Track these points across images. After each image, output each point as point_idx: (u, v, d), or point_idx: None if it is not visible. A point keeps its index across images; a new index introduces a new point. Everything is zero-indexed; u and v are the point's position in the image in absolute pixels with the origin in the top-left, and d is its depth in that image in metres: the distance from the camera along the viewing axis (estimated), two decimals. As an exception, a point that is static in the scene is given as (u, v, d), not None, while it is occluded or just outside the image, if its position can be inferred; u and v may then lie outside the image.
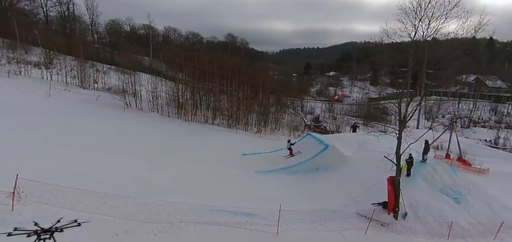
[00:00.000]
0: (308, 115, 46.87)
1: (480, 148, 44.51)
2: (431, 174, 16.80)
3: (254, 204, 13.61)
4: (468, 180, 17.97)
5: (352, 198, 15.31)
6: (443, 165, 18.21)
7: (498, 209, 17.22)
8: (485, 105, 67.22)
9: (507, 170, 34.99)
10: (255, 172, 18.54)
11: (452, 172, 17.96)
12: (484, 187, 28.25)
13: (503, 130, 52.92)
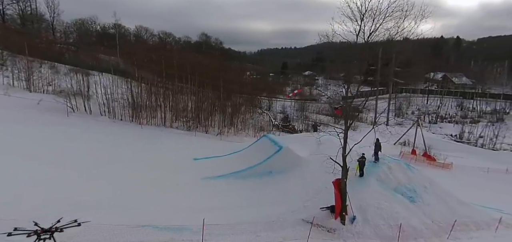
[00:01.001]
0: (279, 115, 45.94)
1: (446, 143, 45.45)
2: (386, 173, 16.06)
3: (191, 215, 12.16)
4: (424, 177, 17.43)
5: (301, 203, 14.21)
6: (398, 163, 17.57)
7: (454, 205, 16.77)
8: (451, 101, 69.44)
9: (469, 164, 35.67)
10: (202, 179, 17.07)
11: (408, 169, 17.35)
12: (446, 181, 28.48)
13: (468, 125, 54.59)
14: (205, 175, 17.54)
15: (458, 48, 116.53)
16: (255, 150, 20.11)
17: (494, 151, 42.05)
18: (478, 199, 23.69)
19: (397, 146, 40.22)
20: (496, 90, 73.92)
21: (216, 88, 36.12)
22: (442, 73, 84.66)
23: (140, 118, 30.37)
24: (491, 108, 62.32)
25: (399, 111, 66.64)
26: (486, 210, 18.55)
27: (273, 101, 58.25)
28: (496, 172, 32.50)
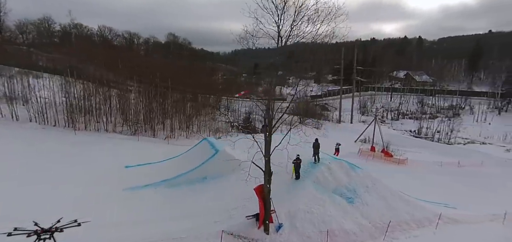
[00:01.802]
0: (242, 116, 44.64)
1: (406, 139, 46.49)
2: (324, 174, 15.19)
3: (106, 233, 10.51)
4: (367, 176, 16.80)
5: (228, 211, 12.90)
6: (340, 163, 16.80)
7: (397, 204, 16.24)
8: (413, 98, 71.93)
9: (425, 158, 36.35)
10: (129, 189, 15.25)
11: (351, 169, 16.64)
12: (400, 177, 28.61)
13: (427, 120, 56.47)
14: (133, 184, 15.75)
15: (420, 47, 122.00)
16: (193, 155, 18.56)
17: (448, 145, 43.52)
18: (428, 194, 23.76)
19: (358, 143, 40.36)
20: (454, 87, 77.68)
21: (176, 89, 33.91)
22: (405, 71, 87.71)
23: (76, 123, 27.23)
24: (448, 104, 65.14)
25: (364, 109, 68.01)
26: (431, 206, 18.38)
27: (236, 102, 56.71)
28: (449, 165, 33.29)
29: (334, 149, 25.84)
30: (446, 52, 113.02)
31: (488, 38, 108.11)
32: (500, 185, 28.87)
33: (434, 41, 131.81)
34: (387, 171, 28.44)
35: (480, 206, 21.63)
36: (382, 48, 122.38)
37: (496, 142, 45.17)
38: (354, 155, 33.61)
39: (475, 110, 60.85)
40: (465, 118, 58.99)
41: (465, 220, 18.11)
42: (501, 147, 42.64)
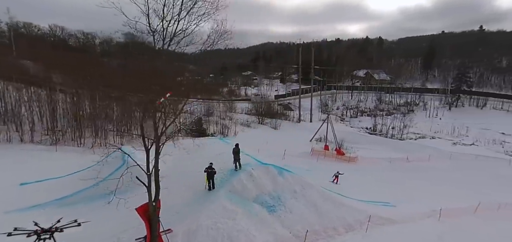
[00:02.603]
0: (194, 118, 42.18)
1: (361, 136, 46.87)
2: (244, 182, 13.59)
3: None
4: (297, 180, 15.52)
5: (117, 234, 10.85)
6: (266, 168, 15.28)
7: (328, 208, 15.04)
8: (372, 96, 73.81)
9: (377, 155, 36.30)
10: (7, 212, 12.61)
11: (279, 174, 15.21)
12: (349, 175, 27.95)
13: (384, 117, 57.77)
14: (22, 205, 13.13)
15: (380, 47, 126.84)
16: (103, 167, 16.14)
17: (401, 140, 44.46)
18: (373, 192, 23.21)
19: (313, 143, 39.74)
20: (410, 84, 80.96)
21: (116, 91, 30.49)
22: (365, 70, 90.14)
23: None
24: (403, 101, 67.44)
25: (325, 108, 68.48)
26: (367, 207, 17.62)
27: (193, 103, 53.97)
28: (398, 161, 33.55)
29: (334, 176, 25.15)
30: (404, 51, 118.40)
31: (441, 39, 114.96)
32: (446, 178, 29.43)
33: (394, 41, 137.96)
34: (334, 170, 27.86)
35: (423, 201, 21.43)
36: (346, 48, 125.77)
37: (445, 136, 46.96)
38: (306, 155, 32.82)
39: (428, 106, 63.56)
40: (419, 114, 61.38)
41: (401, 219, 17.52)
42: (449, 141, 44.33)
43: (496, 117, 57.56)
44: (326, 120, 36.45)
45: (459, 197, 24.09)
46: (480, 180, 29.21)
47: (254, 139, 37.17)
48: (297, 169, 24.97)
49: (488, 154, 37.58)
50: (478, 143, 43.06)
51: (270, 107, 61.66)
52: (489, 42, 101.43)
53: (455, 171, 31.54)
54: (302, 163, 28.26)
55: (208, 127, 38.31)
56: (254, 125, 46.30)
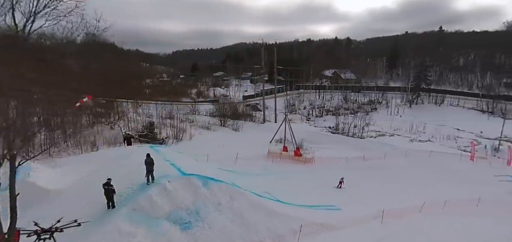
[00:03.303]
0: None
1: (324, 135, 46.63)
2: (154, 198, 11.81)
3: None
4: (226, 191, 14.04)
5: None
6: (188, 180, 13.59)
7: (256, 219, 13.78)
8: (338, 95, 74.64)
9: (336, 154, 35.79)
10: None
11: (203, 185, 13.61)
12: (301, 177, 27.18)
13: (348, 116, 58.27)
14: None
15: (349, 47, 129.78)
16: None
17: (361, 139, 44.70)
18: (321, 195, 22.40)
19: (273, 144, 38.62)
20: (376, 83, 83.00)
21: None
22: (333, 70, 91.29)
23: None
24: (367, 100, 68.68)
25: (292, 108, 68.16)
26: (306, 213, 16.58)
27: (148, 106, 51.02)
28: (355, 160, 33.29)
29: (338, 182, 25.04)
30: (371, 51, 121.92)
31: (405, 39, 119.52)
32: (400, 176, 29.42)
33: (362, 42, 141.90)
34: (287, 173, 26.92)
35: (372, 202, 20.81)
36: (316, 48, 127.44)
37: (403, 133, 47.91)
38: (262, 157, 31.56)
39: (391, 104, 65.13)
40: (381, 112, 62.70)
41: (341, 224, 16.64)
42: (407, 138, 45.20)
43: (452, 114, 60.00)
44: (283, 120, 35.43)
45: (409, 195, 23.92)
46: (432, 176, 29.60)
47: (210, 142, 35.47)
48: (244, 174, 23.69)
49: (441, 150, 38.66)
50: (434, 139, 44.27)
51: (236, 109, 60.28)
52: (448, 42, 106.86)
53: (409, 168, 31.79)
54: (254, 167, 27.00)
55: (160, 131, 35.98)
56: (215, 128, 44.53)
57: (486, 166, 33.45)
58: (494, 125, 47.83)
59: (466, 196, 23.61)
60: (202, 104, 62.58)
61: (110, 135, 31.43)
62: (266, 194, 18.56)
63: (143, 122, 37.40)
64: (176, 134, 35.51)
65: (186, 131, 38.10)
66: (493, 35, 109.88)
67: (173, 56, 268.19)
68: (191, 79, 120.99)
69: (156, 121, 41.71)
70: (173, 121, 42.61)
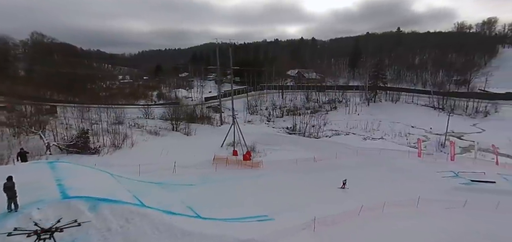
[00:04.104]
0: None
1: (280, 136, 45.67)
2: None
3: None
4: (120, 214, 11.69)
5: None
6: (68, 204, 11.07)
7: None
8: (301, 95, 74.62)
9: (287, 156, 34.43)
10: None
11: (89, 209, 11.13)
12: (237, 187, 24.99)
13: (309, 115, 57.94)
14: None
15: (313, 47, 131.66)
16: None
17: (317, 139, 44.28)
18: (254, 203, 20.86)
19: (224, 148, 36.85)
20: (338, 82, 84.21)
21: None
22: (296, 70, 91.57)
23: None
24: (328, 99, 69.20)
25: (255, 108, 66.90)
26: (228, 228, 14.98)
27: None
28: (306, 162, 32.41)
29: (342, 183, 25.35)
30: (335, 51, 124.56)
31: (365, 39, 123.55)
32: (348, 177, 28.73)
33: (326, 42, 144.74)
34: (229, 180, 25.21)
35: (309, 209, 19.69)
36: (281, 49, 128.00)
37: (358, 132, 48.26)
38: (206, 164, 29.53)
39: (350, 103, 66.05)
40: (341, 111, 63.34)
41: (267, 237, 15.19)
42: (361, 136, 45.51)
43: (407, 111, 62.09)
44: (232, 124, 33.76)
45: (352, 197, 23.35)
46: (379, 175, 29.39)
47: (153, 150, 32.83)
48: (173, 186, 21.58)
49: (392, 147, 39.09)
50: (386, 137, 44.94)
51: (193, 111, 57.73)
52: (405, 42, 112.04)
53: (358, 168, 31.44)
54: (192, 175, 24.94)
55: (97, 139, 32.67)
56: (165, 133, 41.76)
57: (431, 162, 34.09)
58: (443, 120, 49.77)
59: (408, 195, 23.46)
60: (157, 107, 58.87)
61: (33, 146, 27.74)
62: (187, 209, 16.70)
63: (78, 129, 33.80)
64: (113, 142, 32.42)
65: (130, 137, 35.06)
66: (445, 35, 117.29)
67: (139, 57, 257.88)
68: (155, 81, 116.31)
69: (100, 127, 38.15)
70: (119, 126, 39.31)
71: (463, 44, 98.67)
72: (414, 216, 21.15)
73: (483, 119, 55.20)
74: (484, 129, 49.79)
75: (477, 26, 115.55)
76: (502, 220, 20.43)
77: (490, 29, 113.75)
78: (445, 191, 25.96)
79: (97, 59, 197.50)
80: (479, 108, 57.22)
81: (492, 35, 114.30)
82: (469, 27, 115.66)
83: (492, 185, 27.76)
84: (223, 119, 55.28)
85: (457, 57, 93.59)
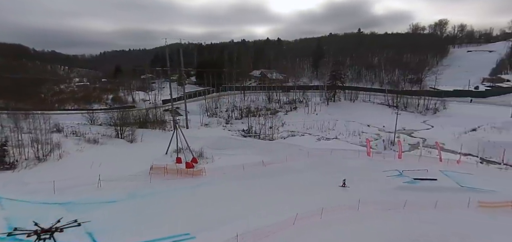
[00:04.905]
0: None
1: (234, 140, 43.79)
2: None
3: None
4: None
5: None
6: None
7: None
8: (262, 96, 73.55)
9: (236, 161, 32.28)
10: None
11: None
12: (159, 201, 22.37)
13: (269, 117, 56.75)
14: None
15: (279, 48, 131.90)
16: None
17: (271, 141, 43.11)
18: (181, 220, 18.94)
19: (169, 156, 34.25)
20: (298, 82, 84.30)
21: None
22: (260, 70, 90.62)
23: None
24: (289, 99, 68.76)
25: (214, 111, 64.65)
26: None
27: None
28: (254, 166, 30.82)
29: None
30: (300, 52, 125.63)
31: (328, 40, 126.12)
32: (294, 181, 27.22)
33: (290, 42, 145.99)
34: (161, 193, 22.92)
35: (237, 222, 18.04)
36: (246, 49, 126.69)
37: (315, 132, 47.85)
38: (142, 175, 26.77)
39: (311, 103, 66.03)
40: (300, 111, 63.09)
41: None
42: (316, 136, 45.08)
43: (364, 110, 63.31)
44: (174, 130, 31.34)
45: (292, 204, 22.07)
46: (325, 178, 28.26)
47: (85, 160, 29.45)
48: (91, 204, 19.00)
49: (344, 147, 38.84)
50: (341, 136, 44.91)
51: (146, 115, 54.22)
52: (365, 43, 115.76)
53: (307, 171, 30.47)
54: (120, 190, 22.29)
55: (20, 151, 28.66)
56: (106, 140, 38.18)
57: (379, 161, 34.14)
58: (398, 118, 50.97)
59: (351, 197, 22.75)
60: (104, 112, 54.41)
61: None
62: (84, 237, 14.28)
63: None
64: (37, 154, 28.64)
65: (60, 147, 31.32)
66: (402, 36, 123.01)
67: (101, 58, 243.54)
68: (115, 83, 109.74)
69: (31, 136, 33.74)
70: (54, 135, 35.14)
71: (418, 45, 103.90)
72: (354, 221, 20.42)
73: (433, 116, 57.60)
74: (433, 125, 51.73)
75: (430, 28, 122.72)
76: (439, 219, 20.29)
77: (441, 30, 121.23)
78: (388, 191, 25.68)
79: (52, 61, 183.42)
80: (429, 105, 59.66)
81: (443, 36, 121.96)
82: (423, 29, 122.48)
83: (434, 182, 28.12)
84: (178, 123, 52.32)
85: (412, 57, 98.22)
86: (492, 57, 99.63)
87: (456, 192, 25.79)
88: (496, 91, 68.64)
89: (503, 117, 49.57)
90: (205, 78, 79.19)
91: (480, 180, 28.63)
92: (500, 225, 19.63)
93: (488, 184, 27.50)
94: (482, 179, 29.03)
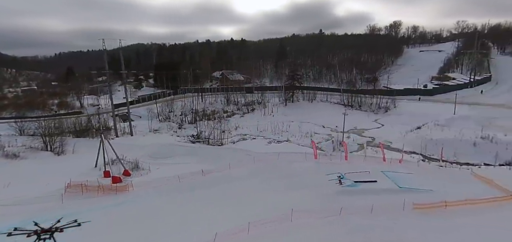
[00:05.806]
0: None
1: (179, 146, 40.76)
2: None
3: None
4: None
5: None
6: None
7: None
8: (222, 97, 71.39)
9: (175, 171, 29.49)
10: None
11: None
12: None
13: (224, 120, 54.76)
14: None
15: (243, 48, 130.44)
16: None
17: (220, 146, 41.17)
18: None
19: (97, 169, 30.87)
20: (258, 83, 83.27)
21: None
22: (221, 71, 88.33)
23: None
24: (247, 100, 67.24)
25: (168, 115, 61.26)
26: None
27: None
28: (192, 176, 28.55)
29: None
30: (264, 52, 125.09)
31: (291, 41, 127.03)
32: (237, 191, 25.64)
33: (253, 42, 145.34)
34: (70, 217, 19.98)
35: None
36: (209, 50, 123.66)
37: (268, 134, 46.60)
38: (58, 195, 23.36)
39: (269, 104, 65.01)
40: (257, 113, 61.76)
41: None
42: (267, 139, 43.79)
43: (321, 110, 63.47)
44: (101, 142, 28.16)
45: (221, 219, 20.22)
46: (265, 186, 26.67)
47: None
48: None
49: (293, 150, 37.95)
50: (293, 138, 44.06)
51: (88, 121, 49.76)
52: (326, 44, 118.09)
53: (249, 179, 28.83)
54: (16, 217, 18.86)
55: None
56: (29, 153, 33.78)
57: (326, 163, 33.38)
58: (351, 117, 51.33)
59: (287, 207, 21.33)
60: (33, 121, 48.85)
61: None
62: None
63: None
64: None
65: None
66: (361, 37, 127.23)
67: (56, 59, 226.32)
68: (67, 86, 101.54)
69: None
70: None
71: (375, 45, 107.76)
72: (287, 233, 19.00)
73: (384, 114, 59.02)
74: (383, 124, 52.77)
75: (386, 29, 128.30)
76: (374, 224, 19.52)
77: (396, 31, 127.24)
78: (327, 196, 24.68)
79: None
80: (381, 104, 61.16)
81: (398, 37, 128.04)
82: (379, 30, 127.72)
83: (373, 184, 27.77)
84: (124, 130, 48.66)
85: (369, 57, 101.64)
86: (441, 57, 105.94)
87: (394, 194, 25.42)
88: (443, 89, 72.42)
89: (447, 115, 51.89)
90: (162, 80, 75.21)
91: (419, 180, 28.79)
92: (434, 226, 19.36)
93: (426, 184, 27.65)
94: (421, 179, 29.25)
